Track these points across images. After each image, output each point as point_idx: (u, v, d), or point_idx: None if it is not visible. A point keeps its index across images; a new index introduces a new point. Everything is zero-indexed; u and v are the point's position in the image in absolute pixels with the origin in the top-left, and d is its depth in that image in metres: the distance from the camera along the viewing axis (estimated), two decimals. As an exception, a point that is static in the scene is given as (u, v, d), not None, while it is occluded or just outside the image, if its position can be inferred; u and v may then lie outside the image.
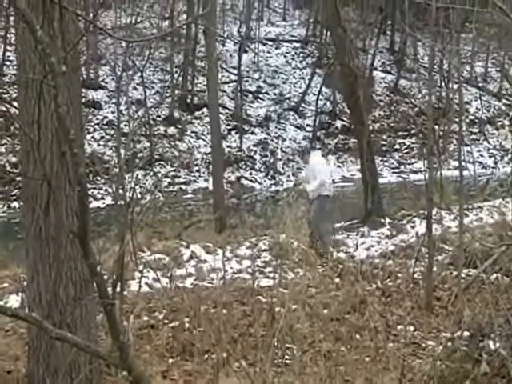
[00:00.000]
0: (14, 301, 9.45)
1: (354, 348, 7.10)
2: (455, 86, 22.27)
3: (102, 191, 23.71)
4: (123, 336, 4.17)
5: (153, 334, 7.93)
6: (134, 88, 28.38)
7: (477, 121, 33.65)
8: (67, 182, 5.44)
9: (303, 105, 32.45)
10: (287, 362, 6.84)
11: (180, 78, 31.02)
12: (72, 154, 3.48)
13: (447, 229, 13.47)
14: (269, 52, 35.73)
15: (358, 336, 7.59)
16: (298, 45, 36.55)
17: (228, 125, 29.74)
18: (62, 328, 5.28)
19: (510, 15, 6.99)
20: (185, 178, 26.50)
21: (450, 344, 7.09)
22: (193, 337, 7.49)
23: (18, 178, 20.32)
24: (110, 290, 5.01)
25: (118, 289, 6.92)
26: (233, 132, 29.77)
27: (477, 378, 5.94)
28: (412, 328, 8.13)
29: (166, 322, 8.39)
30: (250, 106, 31.70)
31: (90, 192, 21.33)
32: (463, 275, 9.57)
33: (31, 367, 5.97)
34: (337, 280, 10.38)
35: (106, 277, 6.21)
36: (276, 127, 31.04)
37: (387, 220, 15.55)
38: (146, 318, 8.58)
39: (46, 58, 3.37)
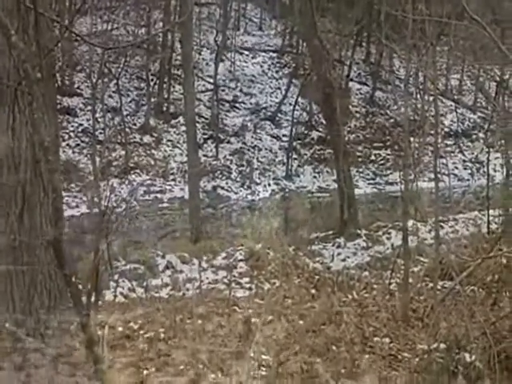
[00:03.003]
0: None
1: (330, 360, 7.06)
2: (431, 99, 22.41)
3: (76, 199, 23.47)
4: (98, 346, 4.09)
5: (128, 345, 7.83)
6: (110, 96, 28.22)
7: (452, 133, 33.81)
8: (42, 189, 5.35)
9: (279, 115, 32.44)
10: (263, 373, 6.78)
11: (156, 86, 30.89)
12: (47, 162, 3.41)
13: (423, 240, 13.52)
14: (245, 61, 35.70)
15: (334, 348, 7.55)
16: (274, 55, 36.55)
17: (204, 134, 29.65)
18: (36, 337, 5.19)
19: (486, 28, 7.03)
20: (160, 186, 26.35)
21: (426, 356, 7.09)
22: (168, 348, 7.41)
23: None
24: (84, 299, 4.93)
25: (92, 298, 6.83)
26: (209, 141, 29.69)
27: (453, 390, 5.95)
28: (388, 340, 8.11)
29: (142, 332, 8.30)
30: (226, 116, 31.63)
31: (64, 200, 21.15)
32: (439, 287, 9.57)
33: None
34: (313, 291, 10.37)
35: (80, 286, 6.12)
36: (252, 137, 31.00)
37: (363, 231, 15.57)
38: (120, 329, 8.47)
39: (20, 64, 3.30)
